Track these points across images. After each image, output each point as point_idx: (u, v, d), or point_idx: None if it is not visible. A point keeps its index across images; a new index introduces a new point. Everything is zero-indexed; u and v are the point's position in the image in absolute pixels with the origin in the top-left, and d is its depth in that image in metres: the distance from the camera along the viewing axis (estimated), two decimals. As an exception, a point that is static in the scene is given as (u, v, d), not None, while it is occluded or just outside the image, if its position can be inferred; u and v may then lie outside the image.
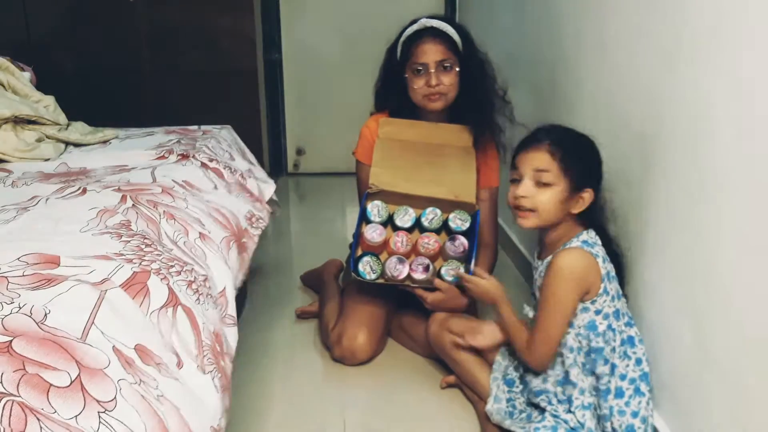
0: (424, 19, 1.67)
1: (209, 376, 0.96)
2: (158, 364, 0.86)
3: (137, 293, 0.92)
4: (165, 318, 0.94)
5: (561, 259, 1.24)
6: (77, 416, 0.69)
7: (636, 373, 1.23)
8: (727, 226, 1.02)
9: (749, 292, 0.97)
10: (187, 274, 1.06)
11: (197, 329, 0.99)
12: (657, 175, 1.24)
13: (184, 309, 0.98)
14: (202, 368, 0.95)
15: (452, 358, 1.50)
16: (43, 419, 0.66)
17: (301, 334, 1.81)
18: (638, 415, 1.21)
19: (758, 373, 0.95)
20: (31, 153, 1.59)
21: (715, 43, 1.05)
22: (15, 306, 0.79)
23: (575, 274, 1.23)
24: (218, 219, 1.38)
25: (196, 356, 0.96)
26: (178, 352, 0.92)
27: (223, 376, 1.00)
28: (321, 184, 3.40)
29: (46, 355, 0.73)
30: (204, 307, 1.05)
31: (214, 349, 1.02)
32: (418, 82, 1.65)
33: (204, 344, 0.99)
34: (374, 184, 1.68)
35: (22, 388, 0.68)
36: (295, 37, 3.34)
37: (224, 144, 1.87)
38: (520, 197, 1.28)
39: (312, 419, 1.43)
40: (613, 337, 1.24)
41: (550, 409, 1.27)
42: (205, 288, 1.09)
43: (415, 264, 1.57)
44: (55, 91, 1.91)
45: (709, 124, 1.06)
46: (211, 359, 0.99)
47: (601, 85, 1.53)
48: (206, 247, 1.24)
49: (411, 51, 1.65)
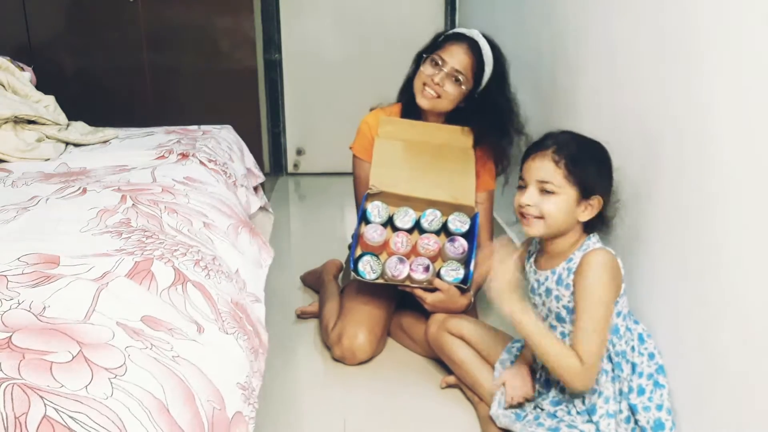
0: (478, 32, 1.68)
1: (232, 336, 0.94)
2: (170, 330, 0.84)
3: (143, 279, 0.91)
4: (176, 294, 0.92)
5: (591, 259, 1.21)
6: (87, 386, 0.68)
7: (652, 368, 1.22)
8: (730, 226, 1.02)
9: (754, 293, 0.97)
10: (194, 254, 1.05)
11: (211, 299, 0.97)
12: (660, 175, 1.24)
13: (194, 284, 0.97)
14: (224, 330, 0.93)
15: (452, 359, 1.50)
16: (48, 396, 0.64)
17: (301, 334, 1.81)
18: (663, 407, 1.20)
19: (763, 374, 0.95)
20: (31, 153, 1.59)
21: (718, 41, 1.05)
22: (14, 302, 0.78)
23: (610, 272, 1.20)
24: (221, 209, 1.37)
25: (215, 320, 0.94)
26: (197, 320, 0.90)
27: (249, 338, 0.99)
28: (321, 184, 3.40)
29: (46, 342, 0.72)
30: (215, 281, 1.03)
31: (235, 315, 1.00)
32: (427, 69, 1.66)
33: (221, 311, 0.97)
34: (374, 185, 1.68)
35: (23, 371, 0.66)
36: (295, 37, 3.34)
37: (224, 145, 1.87)
38: (525, 205, 1.26)
39: (312, 419, 1.43)
40: (631, 337, 1.23)
41: (569, 419, 1.24)
42: (215, 265, 1.08)
43: (416, 264, 1.57)
44: (55, 91, 1.91)
45: (713, 123, 1.06)
46: (232, 324, 0.97)
47: (602, 84, 1.53)
48: (212, 234, 1.23)
49: (441, 44, 1.67)
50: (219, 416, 0.80)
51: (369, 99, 1.89)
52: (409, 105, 1.75)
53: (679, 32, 1.16)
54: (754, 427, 0.97)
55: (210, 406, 0.79)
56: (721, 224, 1.04)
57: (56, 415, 0.63)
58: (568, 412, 1.26)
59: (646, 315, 1.28)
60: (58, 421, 0.63)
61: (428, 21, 3.14)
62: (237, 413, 0.85)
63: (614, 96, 1.45)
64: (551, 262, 1.30)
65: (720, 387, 1.05)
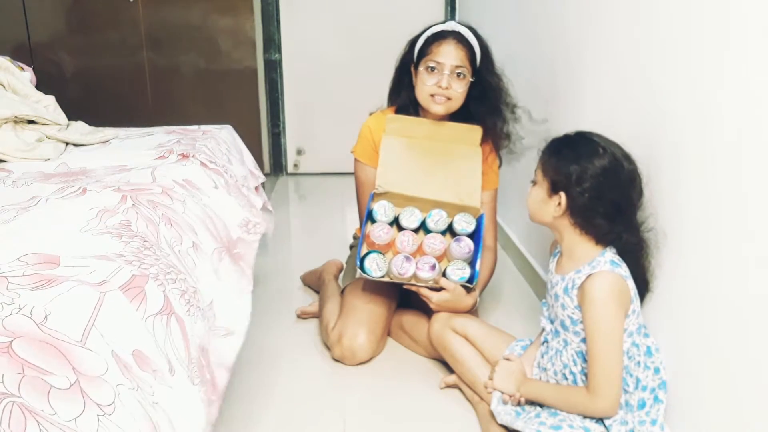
0: (453, 22, 1.69)
1: (197, 387, 0.96)
2: (154, 371, 0.87)
3: (134, 297, 0.93)
4: (160, 325, 0.94)
5: (596, 287, 1.19)
6: (77, 418, 0.69)
7: (655, 383, 1.21)
8: (732, 228, 1.02)
9: (756, 300, 0.97)
10: (181, 284, 1.07)
11: (187, 341, 1.00)
12: (661, 176, 1.23)
13: (177, 318, 0.99)
14: (191, 379, 0.96)
15: (454, 357, 1.50)
16: (42, 421, 0.66)
17: (301, 334, 1.81)
18: (657, 423, 1.20)
19: (762, 381, 0.95)
20: (31, 153, 1.59)
21: (719, 39, 1.05)
22: (15, 307, 0.79)
23: (615, 301, 1.18)
24: (210, 228, 1.38)
25: (186, 365, 0.97)
26: (171, 359, 0.93)
27: (209, 389, 1.01)
28: (321, 184, 3.40)
29: (45, 359, 0.73)
30: (193, 319, 1.06)
31: (200, 362, 1.03)
32: (429, 80, 1.64)
33: (192, 357, 1.00)
34: (380, 185, 1.68)
35: (23, 389, 0.67)
36: (295, 37, 3.34)
37: (223, 146, 1.87)
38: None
39: (312, 419, 1.43)
40: (637, 353, 1.22)
41: (573, 416, 1.23)
42: (195, 300, 1.10)
43: (422, 263, 1.57)
44: (55, 91, 1.91)
45: (715, 123, 1.06)
46: (197, 372, 0.99)
47: (603, 84, 1.53)
48: (197, 257, 1.24)
49: (431, 48, 1.65)
50: None
51: (369, 99, 1.89)
52: (402, 109, 1.76)
53: (681, 30, 1.16)
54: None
55: None
56: (721, 224, 1.04)
57: None
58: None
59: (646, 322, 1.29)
60: None
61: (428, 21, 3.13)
62: None
63: (614, 95, 1.45)
64: (565, 267, 1.30)
65: (718, 395, 1.05)
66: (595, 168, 1.20)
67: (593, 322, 1.19)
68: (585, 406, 1.20)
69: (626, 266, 1.23)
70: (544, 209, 1.29)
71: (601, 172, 1.20)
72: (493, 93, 1.69)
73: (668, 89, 1.20)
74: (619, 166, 1.21)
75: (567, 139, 1.29)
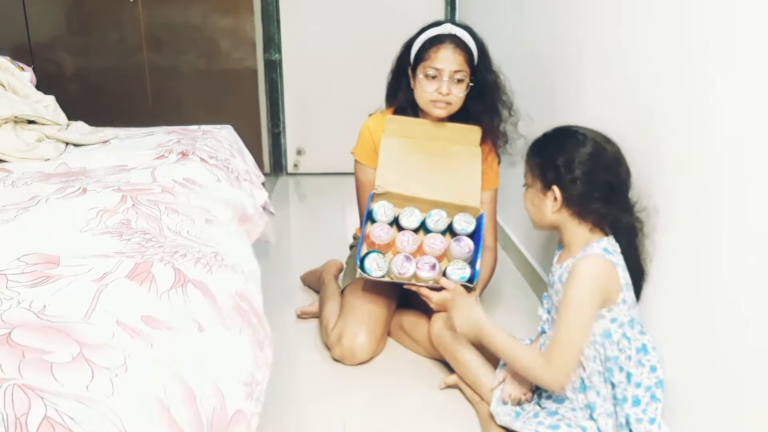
0: (449, 24, 1.67)
1: (235, 331, 0.94)
2: (169, 329, 0.84)
3: (143, 280, 0.91)
4: (176, 296, 0.92)
5: (581, 266, 1.21)
6: (88, 385, 0.68)
7: (651, 381, 1.22)
8: (732, 228, 1.02)
9: (755, 298, 0.97)
10: (194, 254, 1.05)
11: (212, 297, 0.97)
12: (661, 175, 1.24)
13: (194, 283, 0.97)
14: (225, 326, 0.93)
15: (454, 357, 1.50)
16: (49, 396, 0.64)
17: (301, 334, 1.81)
18: (655, 421, 1.20)
19: (762, 381, 0.95)
20: (31, 153, 1.59)
21: (719, 38, 1.05)
22: (14, 301, 0.78)
23: (596, 282, 1.20)
24: (224, 206, 1.38)
25: (216, 317, 0.94)
26: (198, 320, 0.90)
27: (254, 331, 0.99)
28: (321, 184, 3.40)
29: (46, 340, 0.72)
30: (218, 276, 1.03)
31: (239, 309, 1.00)
32: (429, 87, 1.64)
33: (223, 307, 0.97)
34: (380, 185, 1.67)
35: (24, 371, 0.66)
36: (295, 37, 3.34)
37: (224, 143, 1.87)
38: None
39: (312, 419, 1.43)
40: (627, 346, 1.22)
41: (569, 417, 1.25)
42: (217, 261, 1.07)
43: (422, 263, 1.57)
44: (55, 91, 1.91)
45: (716, 123, 1.06)
46: (235, 318, 0.97)
47: (603, 83, 1.53)
48: (215, 228, 1.23)
49: (428, 54, 1.64)
50: (219, 415, 0.80)
51: (369, 99, 1.89)
52: (400, 110, 1.76)
53: (681, 29, 1.16)
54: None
55: (210, 405, 0.79)
56: (722, 225, 1.04)
57: (56, 415, 0.63)
58: (573, 409, 1.26)
59: (645, 321, 1.29)
60: (58, 421, 0.62)
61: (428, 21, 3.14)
62: (237, 412, 0.85)
63: (615, 95, 1.45)
64: (563, 257, 1.32)
65: (719, 395, 1.05)
66: (581, 155, 1.24)
67: (567, 296, 1.21)
68: (536, 370, 1.24)
69: (621, 256, 1.25)
70: (542, 208, 1.29)
71: (588, 157, 1.24)
72: (491, 90, 1.69)
73: (668, 89, 1.20)
74: (602, 149, 1.26)
75: (547, 137, 1.32)
